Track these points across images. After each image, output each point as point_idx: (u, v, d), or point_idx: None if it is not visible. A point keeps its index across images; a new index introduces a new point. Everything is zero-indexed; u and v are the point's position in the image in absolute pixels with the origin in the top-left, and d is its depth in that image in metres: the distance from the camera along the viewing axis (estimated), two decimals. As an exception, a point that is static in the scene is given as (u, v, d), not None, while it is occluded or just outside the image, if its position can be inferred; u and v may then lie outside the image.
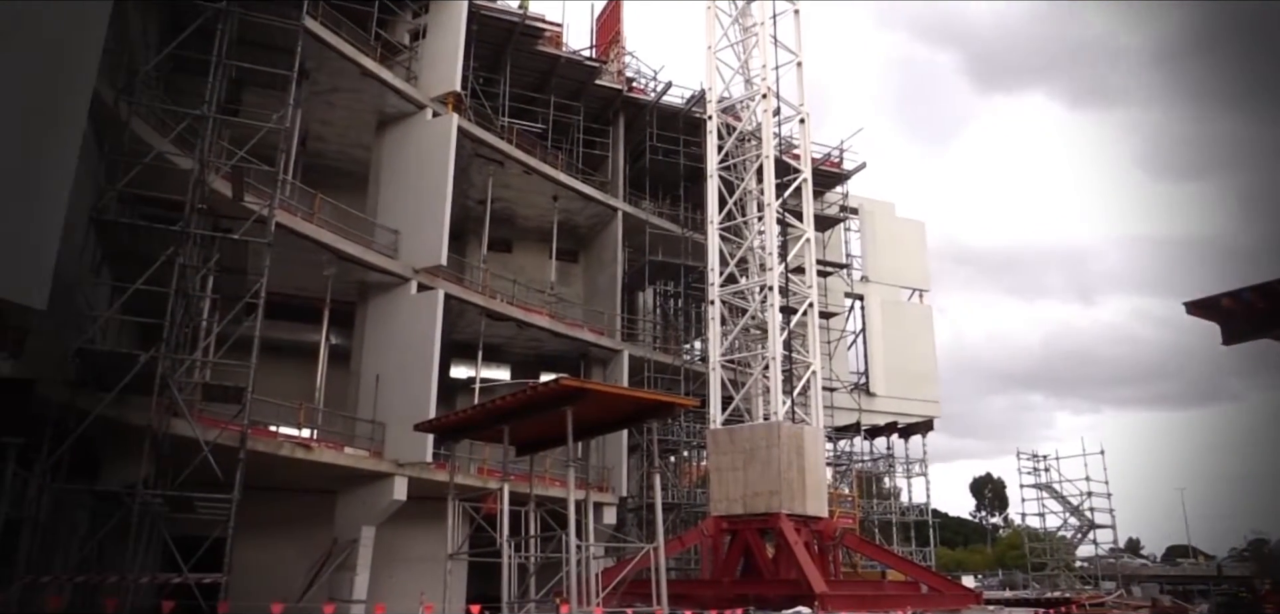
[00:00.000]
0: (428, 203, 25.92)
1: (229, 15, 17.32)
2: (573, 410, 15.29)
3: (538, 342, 31.59)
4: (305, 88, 24.13)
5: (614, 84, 34.90)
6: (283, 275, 21.34)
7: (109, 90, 15.57)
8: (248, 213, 18.34)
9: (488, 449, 26.38)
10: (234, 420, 17.20)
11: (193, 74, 18.73)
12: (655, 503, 17.39)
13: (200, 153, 16.63)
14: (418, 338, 24.80)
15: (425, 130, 27.03)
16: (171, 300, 15.22)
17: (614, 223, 33.77)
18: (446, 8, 28.60)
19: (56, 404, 13.90)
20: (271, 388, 21.59)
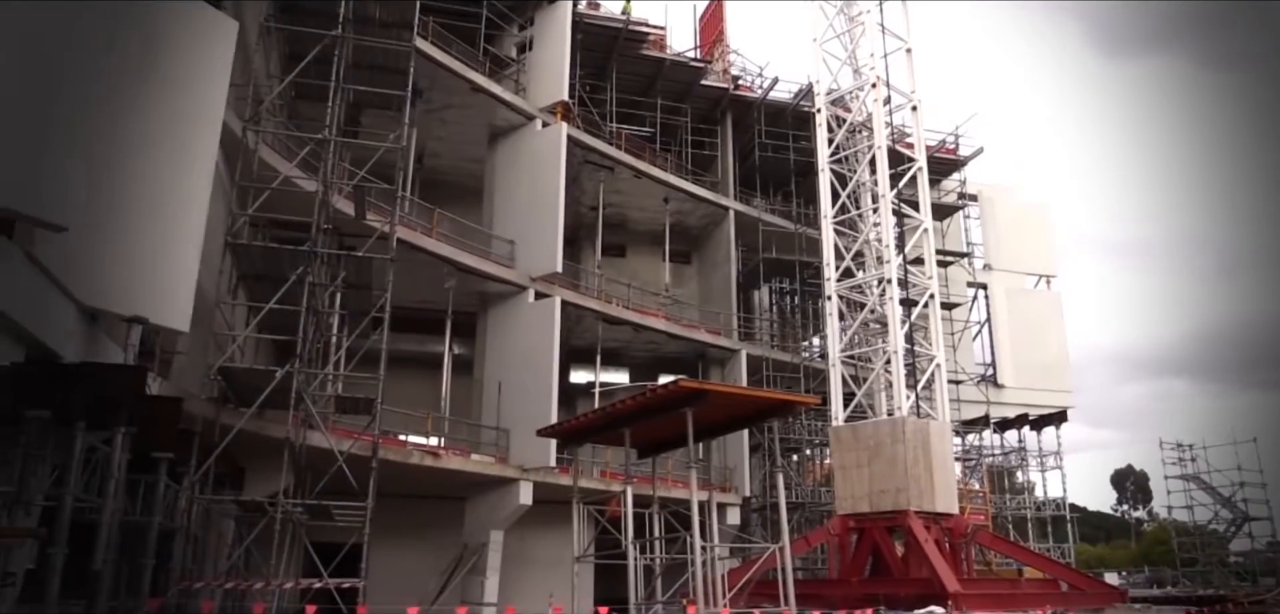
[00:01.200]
0: (541, 212, 26.30)
1: (344, 41, 17.98)
2: (692, 412, 15.20)
3: (655, 344, 31.65)
4: (419, 106, 24.86)
5: (720, 83, 34.72)
6: (406, 289, 21.99)
7: (237, 121, 16.40)
8: (370, 230, 18.98)
9: (610, 452, 26.53)
10: (365, 431, 17.80)
11: (313, 100, 19.53)
12: (779, 502, 17.13)
13: (323, 175, 17.29)
14: (537, 345, 25.17)
15: (536, 140, 27.43)
16: (303, 317, 15.86)
17: (726, 222, 33.53)
18: (551, 19, 28.99)
19: (202, 420, 14.72)
20: (399, 398, 22.31)
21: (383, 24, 19.87)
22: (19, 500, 8.14)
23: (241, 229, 16.40)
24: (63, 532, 8.38)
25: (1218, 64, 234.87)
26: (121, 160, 11.06)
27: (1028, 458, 41.28)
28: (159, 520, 11.41)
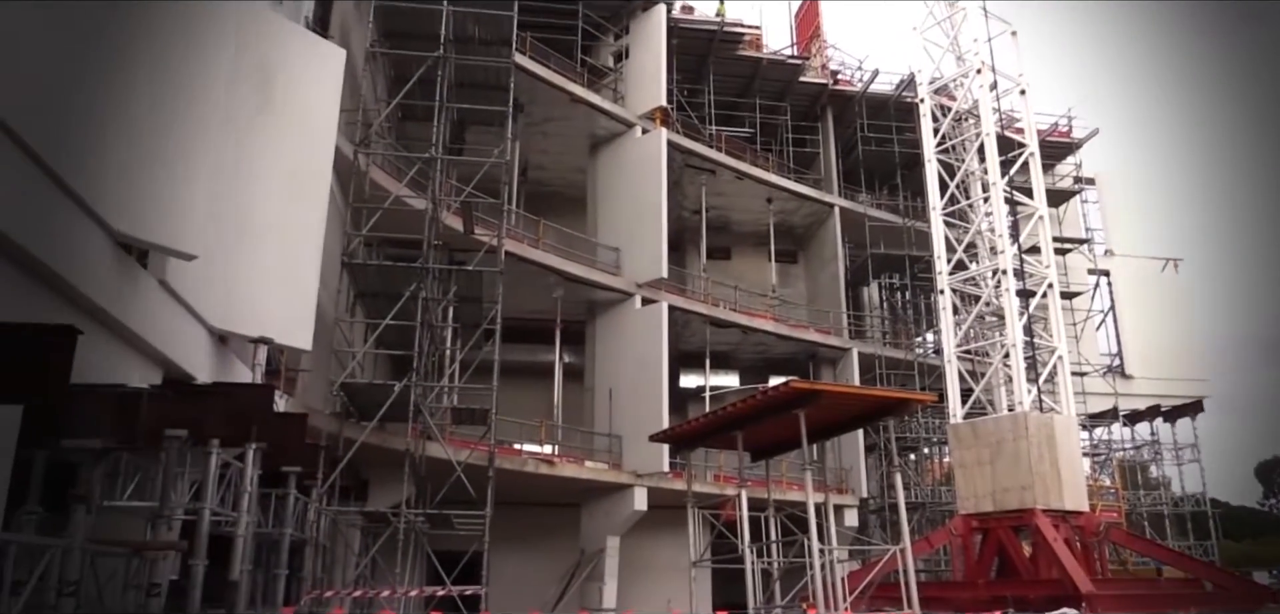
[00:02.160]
0: (645, 218, 26.38)
1: (446, 61, 18.41)
2: (805, 413, 14.91)
3: (764, 346, 31.33)
4: (521, 120, 25.28)
5: (819, 79, 34.21)
6: (516, 300, 22.35)
7: (348, 145, 16.98)
8: (479, 244, 19.36)
9: (723, 456, 26.36)
10: (481, 441, 18.14)
11: (419, 120, 20.09)
12: (898, 503, 16.68)
13: (432, 192, 17.73)
14: (646, 350, 25.23)
15: (636, 147, 27.55)
16: (418, 332, 16.28)
17: (831, 219, 32.95)
18: (646, 26, 29.10)
19: (326, 434, 15.26)
20: (513, 408, 22.66)
21: (482, 42, 20.28)
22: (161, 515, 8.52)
23: (356, 249, 16.96)
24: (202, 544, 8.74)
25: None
26: (243, 188, 11.55)
27: (1162, 451, 39.13)
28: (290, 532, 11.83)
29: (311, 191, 13.14)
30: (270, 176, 12.24)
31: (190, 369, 10.22)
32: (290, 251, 12.47)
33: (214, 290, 10.79)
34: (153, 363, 9.50)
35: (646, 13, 29.24)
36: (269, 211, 12.12)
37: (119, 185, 8.09)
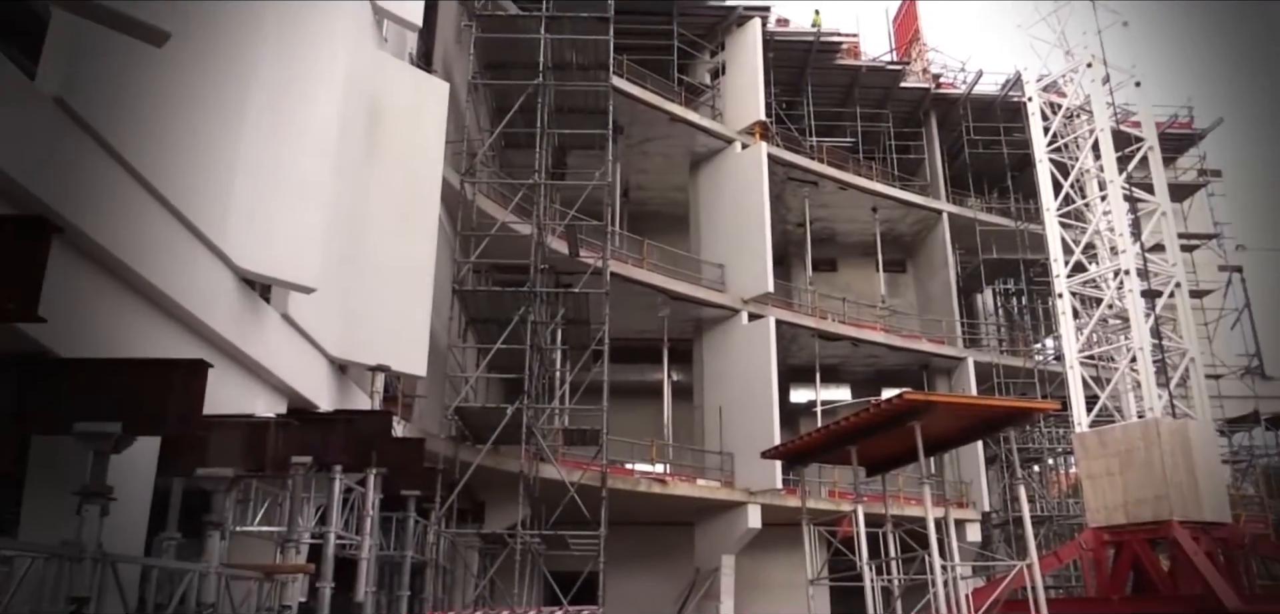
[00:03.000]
0: (748, 233, 26.19)
1: (545, 89, 18.70)
2: (920, 425, 14.44)
3: (875, 357, 30.64)
4: (621, 142, 25.47)
5: (921, 83, 33.41)
6: (622, 320, 22.44)
7: (454, 175, 17.40)
8: (584, 266, 19.54)
9: (837, 471, 25.83)
10: (593, 461, 18.23)
11: (521, 147, 20.46)
12: (1022, 516, 15.96)
13: (536, 217, 17.99)
14: (754, 366, 24.97)
15: (736, 163, 27.41)
16: (528, 355, 16.50)
17: (939, 226, 32.03)
18: (741, 41, 29.00)
19: (443, 458, 15.57)
20: (623, 427, 22.74)
21: (580, 68, 20.52)
22: (289, 539, 8.82)
23: (466, 276, 17.33)
24: (328, 567, 9.00)
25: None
26: (357, 221, 11.92)
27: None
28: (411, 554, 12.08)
29: (421, 222, 13.47)
30: (382, 209, 12.61)
31: (313, 398, 10.55)
32: (403, 281, 12.79)
33: (332, 321, 11.13)
34: (278, 393, 9.85)
35: (741, 28, 29.15)
36: (382, 243, 12.47)
37: (242, 224, 8.42)
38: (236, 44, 8.45)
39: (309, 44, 9.84)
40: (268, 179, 8.87)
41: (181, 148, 7.40)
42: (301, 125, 9.59)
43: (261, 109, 8.78)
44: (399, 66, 14.17)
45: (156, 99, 6.94)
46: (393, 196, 12.92)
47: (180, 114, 7.38)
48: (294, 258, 9.33)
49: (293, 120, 9.39)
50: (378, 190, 12.57)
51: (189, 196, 7.45)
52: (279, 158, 9.07)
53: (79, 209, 5.90)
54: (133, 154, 6.54)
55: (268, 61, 8.95)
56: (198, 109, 7.70)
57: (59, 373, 5.36)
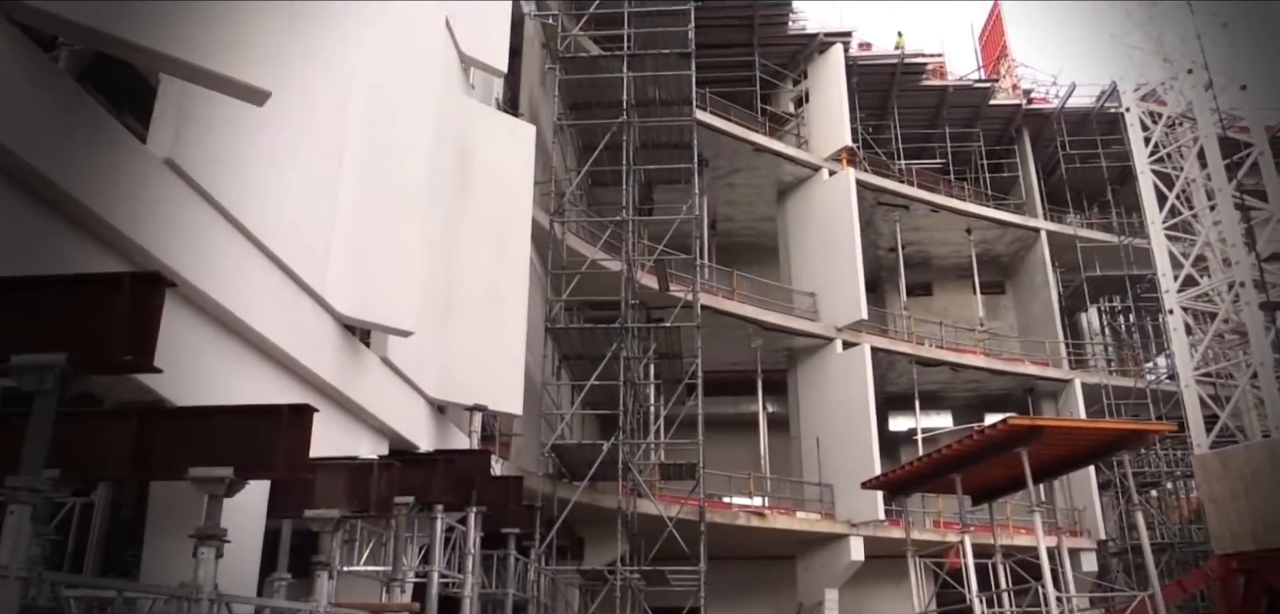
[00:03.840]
0: (839, 260, 25.83)
1: (630, 126, 18.86)
2: (1028, 451, 13.96)
3: (976, 382, 29.73)
4: (707, 175, 25.49)
5: (1011, 100, 32.60)
6: (715, 353, 22.32)
7: (543, 215, 17.66)
8: (675, 300, 19.56)
9: (942, 501, 25.06)
10: (691, 495, 18.11)
11: (608, 185, 20.65)
12: (1142, 544, 15.20)
13: (625, 254, 18.08)
14: (851, 395, 24.51)
15: (824, 190, 27.13)
16: (621, 391, 16.54)
17: (1037, 245, 30.97)
18: (824, 68, 28.80)
19: (541, 495, 15.67)
20: (720, 461, 22.52)
21: (663, 103, 20.64)
22: (394, 578, 8.95)
23: (558, 314, 17.50)
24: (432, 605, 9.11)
25: None
26: (451, 264, 12.17)
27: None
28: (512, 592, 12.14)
29: (513, 262, 13.68)
30: (475, 251, 12.84)
31: (413, 439, 10.75)
32: (498, 321, 12.98)
33: (430, 363, 11.35)
34: (379, 435, 10.06)
35: (823, 55, 28.97)
36: (476, 285, 12.69)
37: (342, 272, 8.67)
38: (332, 100, 8.75)
39: (401, 95, 10.13)
40: (365, 228, 9.13)
41: (283, 201, 7.67)
42: (396, 174, 9.85)
43: (357, 160, 9.05)
44: (487, 112, 14.49)
45: (259, 155, 7.22)
46: (485, 239, 13.16)
47: (281, 169, 7.66)
48: (392, 303, 9.55)
49: (388, 170, 9.66)
50: (470, 233, 12.82)
51: (291, 248, 7.70)
52: (375, 207, 9.33)
53: (190, 263, 6.15)
54: (238, 209, 6.80)
55: (362, 114, 9.23)
56: (297, 163, 7.99)
57: (174, 420, 5.56)
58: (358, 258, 8.97)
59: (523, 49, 18.86)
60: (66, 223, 5.18)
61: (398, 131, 9.97)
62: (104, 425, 5.30)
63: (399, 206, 9.87)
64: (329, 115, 8.64)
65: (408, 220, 10.04)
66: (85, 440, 5.04)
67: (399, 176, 9.93)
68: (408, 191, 10.09)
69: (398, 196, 9.85)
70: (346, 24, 9.08)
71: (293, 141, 7.82)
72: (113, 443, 5.07)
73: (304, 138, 8.08)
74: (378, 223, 9.38)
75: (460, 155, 12.89)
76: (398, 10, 10.17)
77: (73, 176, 5.03)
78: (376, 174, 9.41)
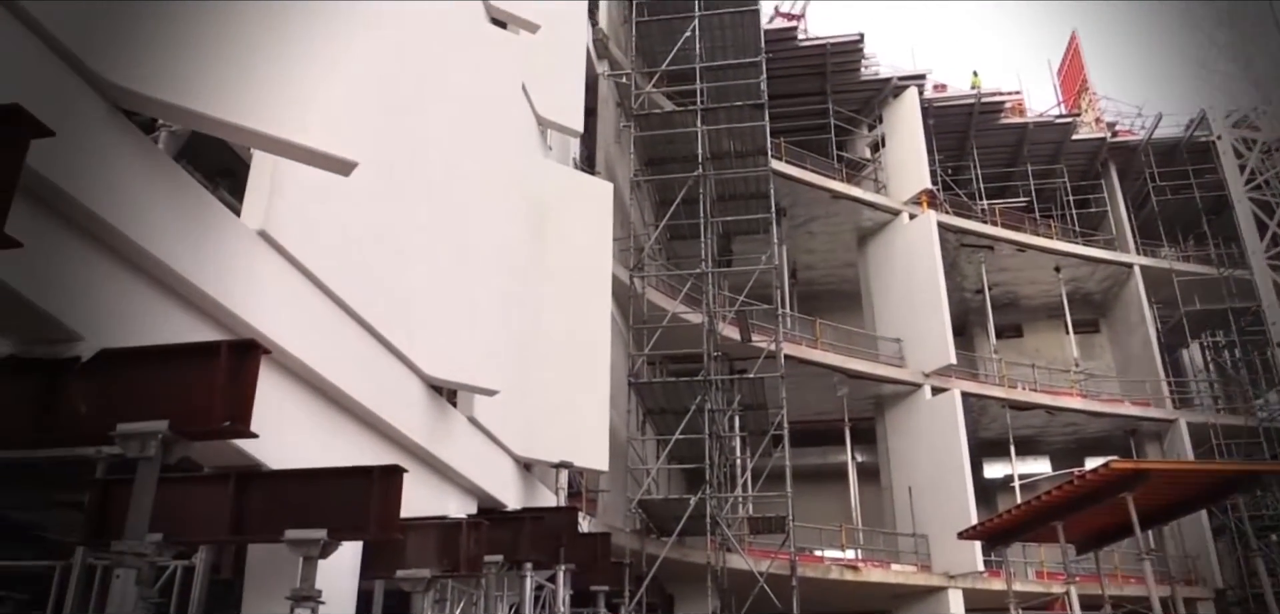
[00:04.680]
0: (924, 305, 25.36)
1: (705, 178, 18.93)
2: (1134, 496, 13.35)
3: (1074, 425, 28.68)
4: (785, 224, 25.41)
5: (1095, 134, 31.84)
6: (800, 403, 22.07)
7: (623, 270, 17.76)
8: (757, 351, 19.42)
9: (1043, 550, 24.07)
10: (781, 549, 17.78)
11: (686, 238, 20.74)
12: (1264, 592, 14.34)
13: (706, 306, 18.07)
14: (942, 442, 23.86)
15: (905, 234, 26.77)
16: (707, 444, 16.42)
17: (1131, 280, 29.89)
18: (899, 111, 28.60)
19: (629, 551, 15.56)
20: (809, 513, 22.15)
21: (738, 155, 20.69)
22: (485, 639, 8.93)
23: (640, 368, 17.53)
24: (521, 664, 9.05)
25: None
26: (534, 323, 12.29)
27: None
28: (601, 653, 11.99)
29: (595, 318, 13.75)
30: (557, 309, 12.95)
31: (500, 497, 10.80)
32: (581, 377, 13.03)
33: (516, 421, 11.42)
34: (467, 494, 10.13)
35: (898, 99, 28.79)
36: (559, 342, 12.78)
37: (427, 334, 8.81)
38: (414, 166, 8.98)
39: (481, 159, 10.33)
40: (449, 289, 9.28)
41: (370, 266, 7.85)
42: (478, 237, 10.02)
43: (440, 224, 9.24)
44: (564, 172, 14.70)
45: (346, 222, 7.42)
46: (566, 296, 13.27)
47: (368, 234, 7.85)
48: (477, 362, 9.66)
49: (470, 233, 9.84)
50: (552, 291, 12.95)
51: (379, 311, 7.86)
52: (458, 269, 9.49)
53: (283, 330, 6.32)
54: (327, 275, 6.97)
55: (443, 178, 9.44)
56: (383, 228, 8.18)
57: (270, 483, 5.67)
58: (442, 319, 9.12)
59: (598, 108, 19.16)
60: (168, 295, 5.38)
61: (479, 194, 10.16)
62: (203, 490, 5.44)
63: (482, 267, 10.02)
64: (411, 181, 8.85)
65: (491, 280, 10.19)
66: (186, 505, 5.18)
67: (481, 238, 10.10)
68: (490, 252, 10.26)
69: (480, 257, 10.01)
70: (426, 92, 9.34)
71: (378, 208, 8.02)
72: (212, 507, 5.19)
73: (389, 203, 8.29)
74: (462, 284, 9.53)
75: (540, 215, 13.07)
76: (476, 78, 10.43)
77: (174, 252, 5.23)
78: (459, 236, 9.59)
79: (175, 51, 4.89)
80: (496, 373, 9.91)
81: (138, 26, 4.67)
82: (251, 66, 5.33)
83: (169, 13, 4.86)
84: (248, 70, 5.30)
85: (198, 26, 5.03)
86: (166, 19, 4.85)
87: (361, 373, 7.57)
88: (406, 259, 8.64)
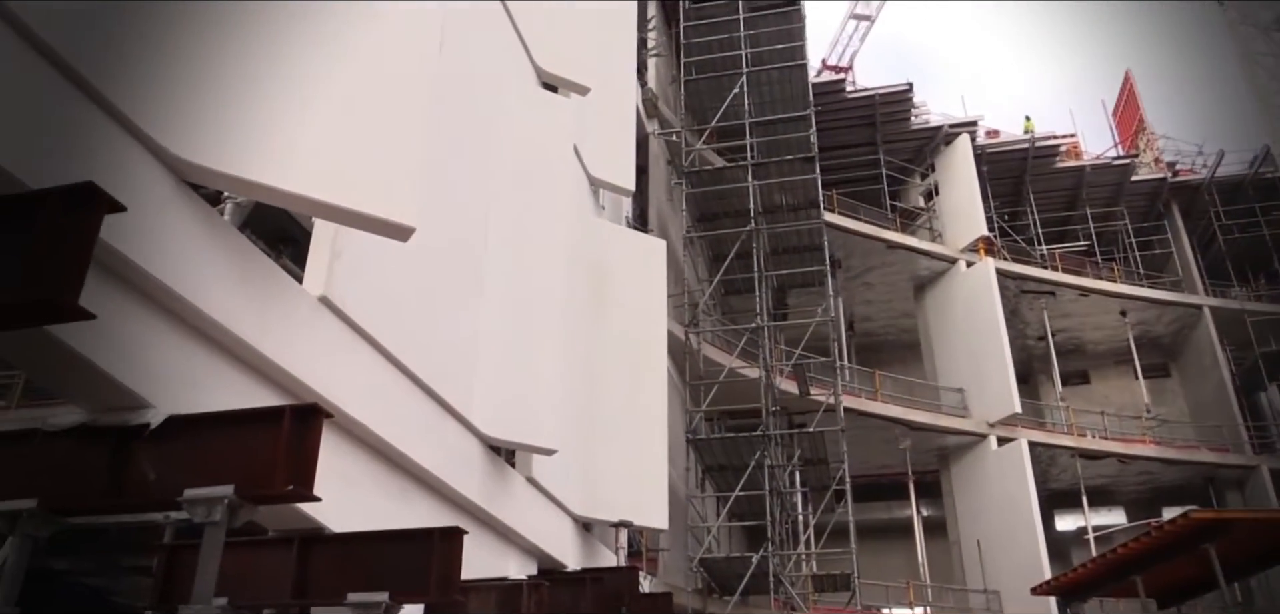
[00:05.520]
0: (985, 353, 24.86)
1: (758, 233, 18.90)
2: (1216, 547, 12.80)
3: (1148, 474, 27.71)
4: (840, 275, 25.23)
5: (1154, 174, 31.19)
6: (862, 456, 21.72)
7: (678, 327, 17.71)
8: (816, 405, 19.16)
9: (1123, 604, 23.13)
10: (847, 607, 17.37)
11: (741, 293, 20.67)
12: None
13: (763, 360, 17.92)
14: (1010, 494, 23.18)
15: (963, 282, 26.38)
16: (768, 500, 16.19)
17: (1201, 322, 29.01)
18: (952, 159, 28.39)
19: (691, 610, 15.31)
20: (875, 569, 21.66)
21: (791, 208, 20.66)
22: (553, 703, 8.79)
23: (698, 425, 17.39)
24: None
25: None
26: (590, 382, 12.28)
27: None
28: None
29: (651, 376, 13.70)
30: (613, 367, 12.94)
31: (561, 557, 10.72)
32: (639, 435, 12.95)
33: (575, 480, 11.37)
34: (527, 555, 10.07)
35: (950, 146, 28.61)
36: (615, 400, 12.74)
37: (486, 394, 8.85)
38: (470, 227, 9.10)
39: (536, 220, 10.44)
40: (507, 349, 9.33)
41: (429, 327, 7.93)
42: (534, 296, 10.09)
43: (496, 284, 9.32)
44: (617, 230, 14.77)
45: (405, 285, 7.52)
46: (622, 354, 13.25)
47: (426, 296, 7.95)
48: (535, 422, 9.66)
49: (526, 292, 9.91)
50: (607, 350, 12.94)
51: (437, 372, 7.92)
52: (516, 329, 9.54)
53: (344, 394, 6.39)
54: (386, 338, 7.06)
55: (499, 239, 9.54)
56: (440, 290, 8.28)
57: (332, 547, 5.69)
58: (500, 379, 9.15)
59: (648, 166, 19.32)
60: (233, 361, 5.47)
61: (534, 254, 10.25)
62: (268, 553, 5.48)
63: (538, 327, 10.07)
64: (468, 242, 8.97)
65: (547, 340, 10.22)
66: (251, 569, 5.22)
67: (537, 298, 10.16)
68: (546, 312, 10.30)
69: (537, 317, 10.06)
70: (482, 155, 9.49)
71: (436, 269, 8.12)
72: (276, 570, 5.22)
73: (446, 265, 8.39)
74: (519, 344, 9.58)
75: (594, 273, 13.13)
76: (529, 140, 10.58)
77: (239, 319, 5.33)
78: (515, 297, 9.66)
79: (238, 124, 5.04)
80: (555, 432, 9.90)
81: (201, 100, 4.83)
82: (310, 135, 5.46)
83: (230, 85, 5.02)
84: (307, 139, 5.44)
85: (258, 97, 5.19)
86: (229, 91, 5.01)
87: (421, 434, 7.61)
88: (464, 319, 8.73)
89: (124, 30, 4.37)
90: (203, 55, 4.91)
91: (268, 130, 5.22)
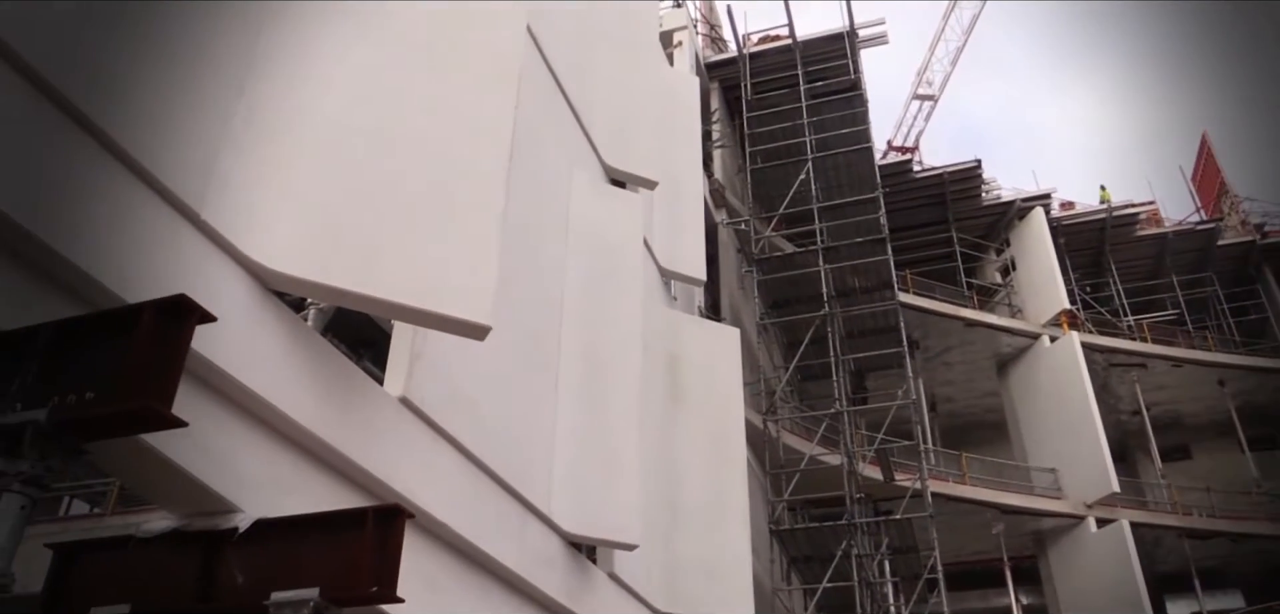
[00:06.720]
0: (1076, 431, 23.98)
1: (833, 317, 18.68)
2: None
3: (1265, 553, 26.07)
4: (919, 356, 24.73)
5: (1242, 237, 30.09)
6: (953, 543, 20.98)
7: (756, 415, 17.46)
8: (902, 490, 18.62)
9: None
10: (946, 705, 16.57)
11: (818, 378, 20.35)
12: None
13: (844, 446, 17.53)
14: (1115, 579, 22.03)
15: (1048, 358, 25.64)
16: (857, 592, 15.67)
17: (1309, 388, 27.58)
18: (1027, 233, 27.94)
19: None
20: (973, 663, 20.64)
21: (864, 290, 20.41)
22: None
23: (781, 515, 17.00)
24: None
25: None
26: (669, 474, 12.13)
27: None
28: None
29: (731, 465, 13.47)
30: (691, 459, 12.78)
31: (645, 658, 10.47)
32: (720, 527, 12.70)
33: (656, 575, 11.15)
34: (610, 655, 9.86)
35: (1023, 221, 28.18)
36: (696, 492, 12.55)
37: (565, 490, 8.79)
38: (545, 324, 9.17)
39: (609, 315, 10.48)
40: (584, 445, 9.29)
41: (508, 425, 7.95)
42: (611, 390, 10.06)
43: (573, 379, 9.33)
44: (690, 320, 14.74)
45: (483, 384, 7.57)
46: (700, 445, 13.09)
47: (504, 394, 7.99)
48: (615, 517, 9.54)
49: (602, 386, 9.89)
50: (686, 441, 12.80)
51: (517, 470, 7.91)
52: (593, 424, 9.51)
53: (426, 494, 6.40)
54: (466, 437, 7.09)
55: (574, 335, 9.58)
56: (518, 387, 8.32)
57: (417, 650, 5.65)
58: (579, 475, 9.10)
59: (718, 255, 19.34)
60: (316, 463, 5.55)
61: (608, 348, 10.26)
62: (354, 658, 5.45)
63: (616, 421, 10.01)
64: (543, 339, 9.03)
65: (625, 433, 10.15)
66: (336, 673, 5.18)
67: (613, 391, 10.13)
68: (623, 406, 10.25)
69: (614, 411, 10.01)
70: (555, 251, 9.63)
71: (513, 367, 8.17)
72: (361, 674, 5.18)
73: (523, 362, 8.44)
74: (597, 438, 9.53)
75: (669, 365, 13.08)
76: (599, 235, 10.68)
77: (322, 422, 5.41)
78: (592, 391, 9.65)
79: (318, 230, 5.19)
80: (636, 526, 9.75)
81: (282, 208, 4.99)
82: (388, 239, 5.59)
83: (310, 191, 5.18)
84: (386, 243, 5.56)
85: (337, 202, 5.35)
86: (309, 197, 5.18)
87: (501, 532, 7.57)
88: (542, 415, 8.73)
89: (209, 143, 4.56)
90: (282, 164, 5.10)
91: (348, 235, 5.36)
